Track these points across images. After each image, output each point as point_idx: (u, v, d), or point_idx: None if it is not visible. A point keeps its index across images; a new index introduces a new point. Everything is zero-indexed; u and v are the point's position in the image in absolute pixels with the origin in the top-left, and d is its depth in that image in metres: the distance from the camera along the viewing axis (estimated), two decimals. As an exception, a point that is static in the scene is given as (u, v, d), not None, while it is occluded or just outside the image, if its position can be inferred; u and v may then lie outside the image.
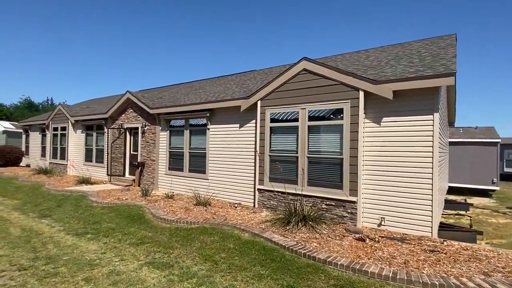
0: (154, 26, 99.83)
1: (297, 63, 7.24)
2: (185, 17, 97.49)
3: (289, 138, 7.42)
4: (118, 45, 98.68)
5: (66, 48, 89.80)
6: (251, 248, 4.89)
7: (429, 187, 5.71)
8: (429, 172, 5.71)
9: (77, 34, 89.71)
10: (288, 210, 6.31)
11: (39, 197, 9.63)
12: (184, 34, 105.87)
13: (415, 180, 5.83)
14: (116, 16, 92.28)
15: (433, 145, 5.69)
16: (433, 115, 5.71)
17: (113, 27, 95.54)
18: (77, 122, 14.96)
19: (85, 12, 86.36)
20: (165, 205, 7.91)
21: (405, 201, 5.93)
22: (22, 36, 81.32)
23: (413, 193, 5.84)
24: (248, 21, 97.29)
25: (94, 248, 5.14)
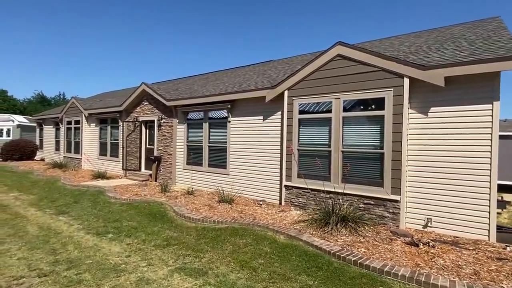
0: (162, 21, 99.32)
1: (330, 49, 6.62)
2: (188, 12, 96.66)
3: (321, 130, 6.84)
4: (127, 40, 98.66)
5: (78, 42, 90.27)
6: (290, 253, 4.38)
7: (486, 185, 5.08)
8: (486, 169, 5.08)
9: (88, 29, 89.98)
10: (323, 209, 5.77)
11: (55, 193, 9.32)
12: (190, 29, 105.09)
13: (470, 177, 5.20)
14: (124, 12, 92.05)
15: (492, 138, 5.04)
16: (492, 104, 5.04)
17: (120, 23, 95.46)
18: (91, 115, 14.65)
19: (94, 8, 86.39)
20: (187, 202, 7.46)
21: (456, 200, 5.31)
22: (34, 31, 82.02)
23: (467, 191, 5.22)
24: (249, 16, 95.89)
25: (117, 250, 4.72)
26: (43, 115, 19.75)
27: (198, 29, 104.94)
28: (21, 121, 26.15)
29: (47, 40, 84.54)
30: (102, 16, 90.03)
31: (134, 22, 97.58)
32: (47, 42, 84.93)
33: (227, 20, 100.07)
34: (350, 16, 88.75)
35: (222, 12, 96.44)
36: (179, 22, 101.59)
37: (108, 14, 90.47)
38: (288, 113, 7.30)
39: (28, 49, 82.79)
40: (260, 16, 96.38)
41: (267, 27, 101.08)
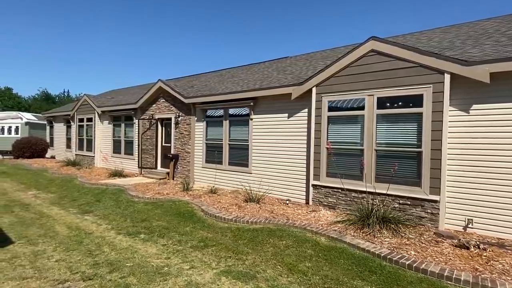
0: (164, 21, 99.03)
1: (363, 44, 6.42)
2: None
3: (352, 128, 6.66)
4: (131, 38, 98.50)
5: (82, 40, 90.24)
6: (337, 256, 4.22)
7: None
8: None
9: (91, 27, 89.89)
10: (359, 209, 5.61)
11: (74, 191, 9.22)
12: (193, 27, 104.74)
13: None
14: (125, 10, 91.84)
15: (541, 137, 4.85)
16: (542, 101, 4.85)
17: (122, 22, 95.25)
18: (104, 113, 14.51)
19: (97, 7, 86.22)
20: (213, 201, 7.32)
21: (500, 200, 5.13)
22: (38, 27, 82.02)
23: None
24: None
25: (154, 251, 4.58)
26: (53, 112, 19.66)
27: (201, 27, 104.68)
28: (29, 119, 26.05)
29: (51, 37, 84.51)
30: (104, 15, 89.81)
31: (136, 21, 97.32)
32: (51, 39, 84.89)
33: (225, 18, 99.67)
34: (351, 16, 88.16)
35: (218, 11, 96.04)
36: (181, 21, 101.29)
37: (111, 12, 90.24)
38: (316, 110, 7.12)
39: (33, 46, 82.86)
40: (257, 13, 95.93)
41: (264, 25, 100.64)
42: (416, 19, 79.02)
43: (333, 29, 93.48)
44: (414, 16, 79.44)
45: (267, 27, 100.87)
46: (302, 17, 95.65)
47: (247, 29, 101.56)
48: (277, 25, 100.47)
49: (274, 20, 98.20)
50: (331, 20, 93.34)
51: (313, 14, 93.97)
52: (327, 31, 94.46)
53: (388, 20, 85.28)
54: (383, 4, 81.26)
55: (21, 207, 7.41)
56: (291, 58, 12.50)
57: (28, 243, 4.91)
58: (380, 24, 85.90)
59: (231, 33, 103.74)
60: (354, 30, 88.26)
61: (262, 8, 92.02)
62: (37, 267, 3.98)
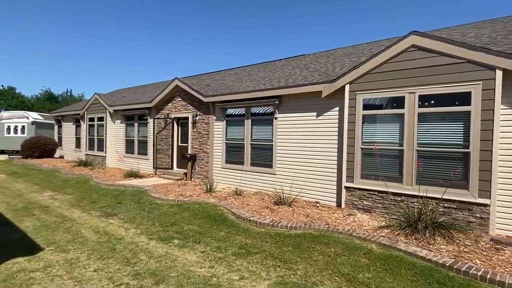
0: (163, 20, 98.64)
1: (403, 39, 6.10)
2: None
3: (390, 128, 6.35)
4: (132, 38, 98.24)
5: (84, 38, 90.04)
6: (397, 266, 3.91)
7: None
8: None
9: (93, 28, 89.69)
10: (406, 214, 5.30)
11: (91, 192, 8.93)
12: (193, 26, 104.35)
13: None
14: (126, 12, 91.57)
15: None
16: None
17: (123, 23, 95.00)
18: (116, 112, 14.23)
19: (99, 7, 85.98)
20: (240, 204, 7.02)
21: (559, 205, 4.82)
22: (42, 27, 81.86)
23: None
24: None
25: (195, 259, 4.29)
26: (62, 111, 19.39)
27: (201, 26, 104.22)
28: (36, 118, 25.80)
29: (52, 34, 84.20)
30: (103, 13, 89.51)
31: (138, 22, 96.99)
32: (52, 37, 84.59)
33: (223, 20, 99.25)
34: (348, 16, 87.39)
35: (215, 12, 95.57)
36: (183, 19, 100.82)
37: (111, 10, 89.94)
38: (349, 109, 6.81)
39: (35, 46, 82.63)
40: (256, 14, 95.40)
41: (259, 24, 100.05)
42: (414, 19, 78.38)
43: (331, 27, 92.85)
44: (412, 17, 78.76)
45: (263, 24, 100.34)
46: (293, 16, 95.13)
47: (245, 28, 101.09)
48: (269, 24, 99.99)
49: (268, 18, 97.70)
50: (325, 18, 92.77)
51: (303, 12, 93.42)
52: (320, 30, 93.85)
53: (390, 18, 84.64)
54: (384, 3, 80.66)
55: (40, 210, 7.13)
56: (309, 56, 12.18)
57: (58, 250, 4.62)
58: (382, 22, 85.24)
59: (230, 30, 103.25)
60: (353, 29, 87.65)
61: (258, 6, 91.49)
62: (76, 278, 3.69)
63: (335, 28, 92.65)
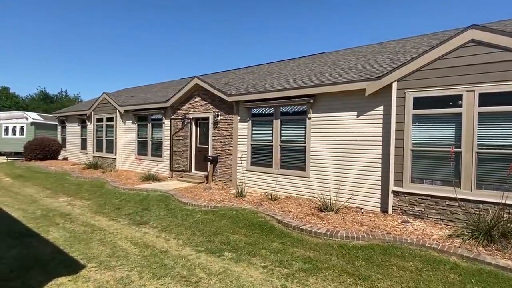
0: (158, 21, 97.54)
1: (460, 33, 5.70)
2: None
3: (444, 128, 5.94)
4: (127, 38, 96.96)
5: (79, 39, 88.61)
6: (495, 283, 3.49)
7: None
8: None
9: (88, 26, 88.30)
10: (476, 221, 4.89)
11: (111, 198, 8.37)
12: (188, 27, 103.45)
13: None
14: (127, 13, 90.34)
15: None
16: None
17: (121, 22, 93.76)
18: (127, 112, 13.64)
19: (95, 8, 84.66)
20: (280, 210, 6.55)
21: None
22: (35, 23, 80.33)
23: None
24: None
25: (260, 276, 3.81)
26: (66, 111, 18.68)
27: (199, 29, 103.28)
28: (35, 119, 24.96)
29: (47, 34, 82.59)
30: (100, 13, 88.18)
31: (134, 21, 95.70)
32: (47, 36, 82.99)
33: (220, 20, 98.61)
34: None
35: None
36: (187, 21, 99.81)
37: (106, 9, 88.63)
38: (397, 108, 6.39)
39: (29, 45, 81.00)
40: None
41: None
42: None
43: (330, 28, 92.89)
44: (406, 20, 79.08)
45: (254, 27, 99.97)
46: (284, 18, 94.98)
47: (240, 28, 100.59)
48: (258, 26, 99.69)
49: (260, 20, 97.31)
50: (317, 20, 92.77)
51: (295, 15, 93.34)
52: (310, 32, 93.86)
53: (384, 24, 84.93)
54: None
55: (63, 218, 6.57)
56: (332, 54, 11.77)
57: (102, 266, 4.10)
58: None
59: (224, 30, 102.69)
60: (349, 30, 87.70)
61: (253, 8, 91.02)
62: (138, 303, 3.18)
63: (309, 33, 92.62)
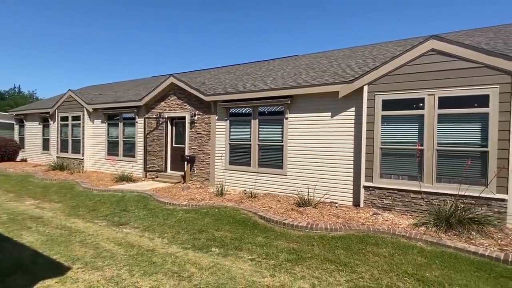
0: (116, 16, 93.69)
1: (422, 43, 6.34)
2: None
3: (409, 128, 6.56)
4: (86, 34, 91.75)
5: (33, 33, 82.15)
6: (455, 262, 4.02)
7: None
8: None
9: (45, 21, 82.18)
10: (436, 211, 5.51)
11: (84, 199, 8.07)
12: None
13: None
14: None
15: None
16: None
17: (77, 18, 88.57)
18: (96, 110, 13.09)
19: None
20: (261, 206, 6.80)
21: None
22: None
23: None
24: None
25: (250, 268, 4.02)
26: (25, 109, 17.38)
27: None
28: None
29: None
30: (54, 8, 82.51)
31: (94, 15, 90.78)
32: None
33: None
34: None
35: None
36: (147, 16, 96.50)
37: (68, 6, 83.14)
38: (368, 109, 6.93)
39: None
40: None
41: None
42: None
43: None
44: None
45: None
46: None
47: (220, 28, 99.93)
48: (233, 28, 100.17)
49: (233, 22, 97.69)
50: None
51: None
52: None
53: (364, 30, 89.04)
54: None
55: (34, 221, 6.27)
56: (304, 56, 12.27)
57: (88, 267, 4.05)
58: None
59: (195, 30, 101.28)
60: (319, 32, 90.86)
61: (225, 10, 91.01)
62: (135, 299, 3.24)
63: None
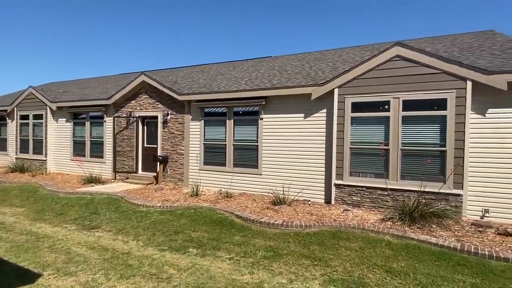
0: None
1: (388, 49, 6.77)
2: None
3: (376, 129, 6.97)
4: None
5: None
6: (419, 253, 4.38)
7: (540, 177, 5.82)
8: (541, 163, 5.82)
9: None
10: (401, 206, 5.94)
11: (50, 203, 7.66)
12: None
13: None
14: None
15: (545, 137, 5.78)
16: (546, 107, 5.79)
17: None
18: (60, 109, 12.38)
19: None
20: (237, 206, 6.88)
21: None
22: None
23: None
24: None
25: (229, 267, 4.10)
26: (-23, 107, 15.94)
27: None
28: None
29: None
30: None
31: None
32: None
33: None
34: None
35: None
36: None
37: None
38: (338, 111, 7.25)
39: None
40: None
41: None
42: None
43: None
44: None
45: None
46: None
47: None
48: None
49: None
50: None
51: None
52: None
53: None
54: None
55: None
56: (278, 58, 12.49)
57: (61, 273, 3.89)
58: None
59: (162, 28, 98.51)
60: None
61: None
62: (113, 303, 3.19)
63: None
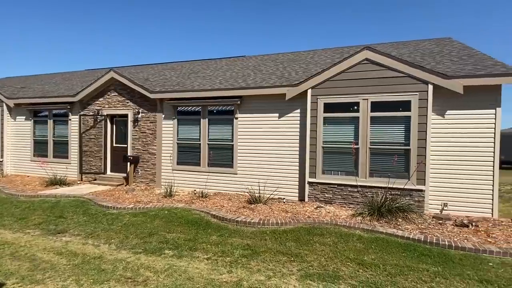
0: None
1: (358, 53, 7.09)
2: None
3: (346, 129, 7.28)
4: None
5: None
6: (387, 246, 4.65)
7: (490, 173, 6.42)
8: (490, 161, 6.41)
9: None
10: (370, 202, 6.25)
11: (9, 207, 7.12)
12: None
13: (478, 167, 6.47)
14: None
15: (494, 136, 6.38)
16: (495, 109, 6.39)
17: None
18: (18, 106, 11.50)
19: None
20: (213, 206, 6.85)
21: (467, 187, 6.54)
22: None
23: (476, 179, 6.48)
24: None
25: (207, 267, 4.09)
26: None
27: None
28: None
29: None
30: None
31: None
32: None
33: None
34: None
35: None
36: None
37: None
38: (311, 111, 7.47)
39: None
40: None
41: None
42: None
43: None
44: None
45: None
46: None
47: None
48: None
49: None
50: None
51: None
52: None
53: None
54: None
55: None
56: (252, 58, 12.55)
57: (26, 281, 3.65)
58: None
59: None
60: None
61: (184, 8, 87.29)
62: (87, 310, 3.06)
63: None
